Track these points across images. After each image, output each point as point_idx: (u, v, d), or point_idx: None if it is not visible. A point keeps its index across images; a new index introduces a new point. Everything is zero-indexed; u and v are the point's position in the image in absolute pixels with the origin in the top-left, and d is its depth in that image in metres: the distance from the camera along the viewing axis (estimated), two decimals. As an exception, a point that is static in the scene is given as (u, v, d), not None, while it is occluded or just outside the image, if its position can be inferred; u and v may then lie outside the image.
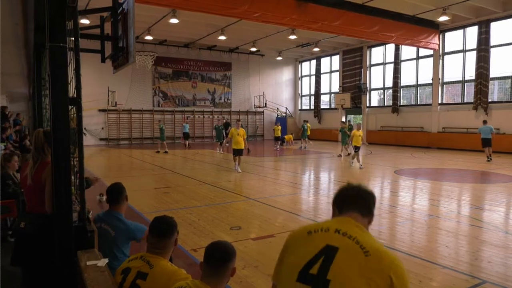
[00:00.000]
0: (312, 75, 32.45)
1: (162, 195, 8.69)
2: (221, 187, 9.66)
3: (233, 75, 30.72)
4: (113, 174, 12.31)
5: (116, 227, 3.12)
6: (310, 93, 33.00)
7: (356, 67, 27.45)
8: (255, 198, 8.23)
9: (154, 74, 27.51)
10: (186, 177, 11.51)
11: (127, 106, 26.39)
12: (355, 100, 27.43)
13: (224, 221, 6.38)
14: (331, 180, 11.55)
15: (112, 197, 3.28)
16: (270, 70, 32.34)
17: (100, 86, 24.39)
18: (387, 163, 15.42)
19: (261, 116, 31.99)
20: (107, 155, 19.23)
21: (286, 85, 33.52)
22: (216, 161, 16.25)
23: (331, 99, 31.01)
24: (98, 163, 15.62)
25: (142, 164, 15.34)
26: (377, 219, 6.63)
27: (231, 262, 2.14)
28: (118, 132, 26.41)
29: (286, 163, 16.01)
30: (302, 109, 34.11)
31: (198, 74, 29.34)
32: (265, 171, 12.85)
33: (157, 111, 27.65)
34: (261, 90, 31.23)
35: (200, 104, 29.53)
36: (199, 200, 8.16)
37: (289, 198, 8.42)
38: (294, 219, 6.61)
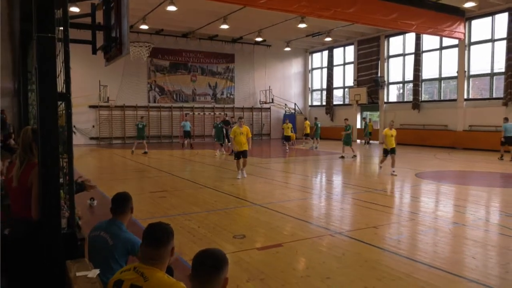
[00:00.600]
0: (323, 68, 32.38)
1: (158, 199, 8.72)
2: (224, 191, 9.67)
3: (237, 67, 30.75)
4: (104, 176, 12.37)
5: (115, 235, 3.13)
6: (322, 88, 32.94)
7: (373, 59, 27.35)
8: (261, 204, 8.22)
9: (149, 67, 27.63)
10: (185, 180, 11.53)
11: (120, 102, 26.53)
12: (372, 95, 27.33)
13: (227, 229, 6.38)
14: (345, 184, 11.51)
15: (117, 207, 3.31)
16: (277, 62, 32.34)
17: (91, 80, 24.54)
18: (407, 165, 15.34)
19: (267, 113, 31.99)
20: (98, 155, 19.33)
21: (295, 78, 33.49)
22: (218, 162, 16.26)
23: (344, 94, 30.91)
24: (88, 164, 15.71)
25: (136, 165, 15.39)
26: (397, 228, 6.60)
27: (223, 270, 2.10)
28: (110, 131, 26.55)
29: (295, 165, 15.97)
30: (312, 105, 34.05)
31: (198, 67, 29.41)
32: (272, 174, 12.84)
33: (153, 107, 27.75)
34: (267, 84, 31.24)
35: (200, 100, 29.61)
36: (199, 205, 8.17)
37: (299, 204, 8.40)
38: (304, 227, 6.59)
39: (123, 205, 3.32)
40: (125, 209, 3.32)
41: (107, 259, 3.06)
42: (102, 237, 3.15)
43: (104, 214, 5.18)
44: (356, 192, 9.70)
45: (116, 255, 3.09)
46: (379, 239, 5.91)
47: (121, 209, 3.31)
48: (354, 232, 6.26)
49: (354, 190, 10.03)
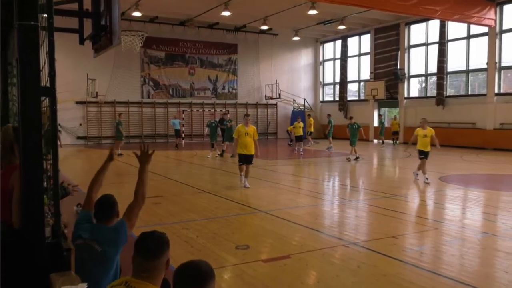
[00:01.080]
0: (336, 59, 32.35)
1: (153, 206, 8.75)
2: (225, 196, 9.68)
3: (240, 59, 30.79)
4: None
5: (102, 239, 3.14)
6: (334, 81, 32.90)
7: (392, 49, 27.28)
8: (267, 211, 8.23)
9: (143, 59, 27.73)
10: (182, 184, 11.56)
11: (110, 97, 26.65)
12: (390, 89, 27.26)
13: (229, 239, 6.39)
14: (360, 188, 11.48)
15: (101, 212, 3.31)
16: (285, 53, 32.34)
17: (78, 74, 24.66)
18: (430, 167, 15.25)
19: (273, 110, 32.00)
20: (85, 156, 19.42)
21: (304, 71, 33.48)
22: (218, 164, 16.29)
23: (360, 88, 30.84)
24: (75, 166, 15.79)
25: (128, 168, 15.44)
26: (419, 238, 6.58)
27: (210, 283, 2.06)
28: (99, 129, 26.68)
29: (305, 167, 15.95)
30: (324, 100, 34.02)
31: (197, 58, 29.48)
32: (278, 177, 12.83)
33: (146, 103, 27.86)
34: (274, 78, 31.25)
35: (199, 95, 29.68)
36: (198, 212, 8.19)
37: (309, 211, 8.39)
38: (315, 237, 6.59)
39: (108, 210, 3.33)
40: (111, 214, 3.33)
41: (93, 271, 3.06)
42: (87, 246, 3.16)
43: (93, 222, 5.20)
44: (372, 198, 9.68)
45: (106, 262, 3.09)
46: (399, 250, 5.89)
47: (106, 214, 3.32)
48: (370, 243, 6.24)
49: (371, 196, 10.00)
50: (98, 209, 3.33)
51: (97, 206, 3.34)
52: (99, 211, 3.32)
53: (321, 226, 7.24)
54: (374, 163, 17.49)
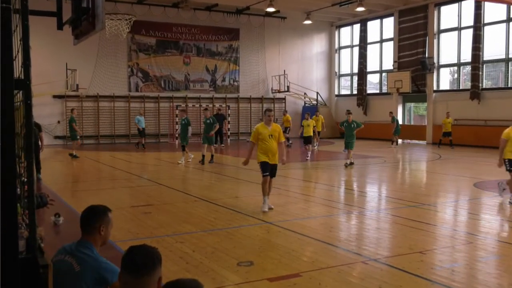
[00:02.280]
0: (354, 46, 32.32)
1: (142, 216, 8.77)
2: (225, 205, 9.70)
3: (242, 46, 30.84)
4: (73, 186, 12.47)
5: (82, 260, 3.16)
6: (352, 72, 32.86)
7: (419, 34, 27.22)
8: (274, 222, 8.23)
9: (130, 46, 27.83)
10: (175, 190, 11.59)
11: (93, 90, 26.76)
12: (417, 81, 27.20)
13: (230, 254, 6.39)
14: (382, 196, 11.46)
15: (86, 224, 3.33)
16: (295, 40, 32.36)
17: (55, 63, 24.78)
18: (463, 171, 15.23)
19: (281, 105, 32.01)
20: (65, 159, 19.49)
21: (317, 60, 33.47)
22: (217, 168, 16.30)
23: (381, 80, 30.78)
24: (53, 170, 15.86)
25: (113, 172, 15.48)
26: (449, 253, 6.56)
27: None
28: (81, 127, 26.74)
29: (318, 172, 15.93)
30: (340, 94, 33.99)
31: (193, 45, 29.55)
32: (287, 183, 12.84)
33: (135, 97, 27.96)
34: (282, 68, 31.28)
35: (196, 88, 29.75)
36: (194, 223, 8.21)
37: (322, 222, 8.39)
38: (329, 252, 6.58)
39: (89, 222, 3.34)
40: (92, 227, 3.34)
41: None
42: (66, 262, 3.18)
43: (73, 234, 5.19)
44: (396, 207, 9.66)
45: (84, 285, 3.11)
46: (427, 268, 5.87)
47: (87, 227, 3.33)
48: (393, 259, 6.23)
49: (394, 205, 9.98)
50: (81, 221, 3.37)
51: (81, 218, 3.39)
52: (82, 223, 3.37)
53: (336, 239, 7.23)
54: (398, 166, 17.45)
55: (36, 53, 18.98)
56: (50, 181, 12.80)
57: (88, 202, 3.56)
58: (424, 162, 18.92)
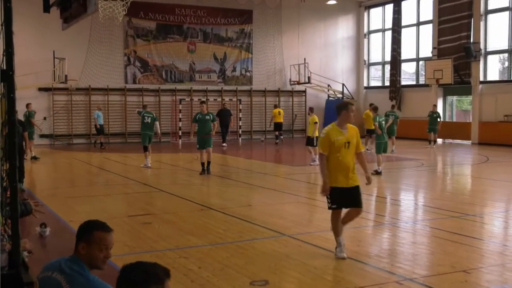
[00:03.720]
0: (386, 30, 32.11)
1: (140, 227, 8.80)
2: (236, 214, 9.69)
3: (256, 31, 30.81)
4: (61, 193, 12.55)
5: (72, 278, 3.18)
6: (383, 60, 32.66)
7: (462, 16, 26.96)
8: (292, 234, 8.21)
9: (127, 31, 27.95)
10: (179, 197, 11.61)
11: (84, 82, 26.91)
12: (460, 71, 26.96)
13: (241, 271, 6.38)
14: (419, 205, 11.38)
15: (78, 237, 3.35)
16: (317, 23, 32.26)
17: (41, 51, 24.96)
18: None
19: (301, 99, 31.93)
20: (51, 161, 19.67)
21: (343, 47, 33.32)
22: (227, 172, 16.30)
23: (418, 69, 30.52)
24: (38, 174, 15.98)
25: (107, 176, 15.56)
26: (499, 272, 6.49)
27: None
28: (70, 125, 26.97)
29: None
30: (369, 86, 33.79)
31: (198, 30, 29.60)
32: (307, 190, 12.77)
33: (132, 90, 28.08)
34: (302, 56, 31.19)
35: (202, 79, 29.80)
36: (200, 236, 8.22)
37: (348, 235, 8.32)
38: (357, 270, 6.54)
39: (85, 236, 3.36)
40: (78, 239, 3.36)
41: None
42: (54, 280, 3.20)
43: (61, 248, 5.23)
44: (435, 218, 9.59)
45: None
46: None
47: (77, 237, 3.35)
48: (433, 279, 6.17)
49: (433, 215, 9.91)
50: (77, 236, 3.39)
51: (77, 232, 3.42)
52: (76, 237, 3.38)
53: (365, 255, 7.19)
54: (438, 170, 17.31)
55: (19, 39, 19.06)
56: (35, 186, 12.92)
57: (78, 210, 3.59)
58: (468, 166, 18.74)
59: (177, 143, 26.17)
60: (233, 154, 22.09)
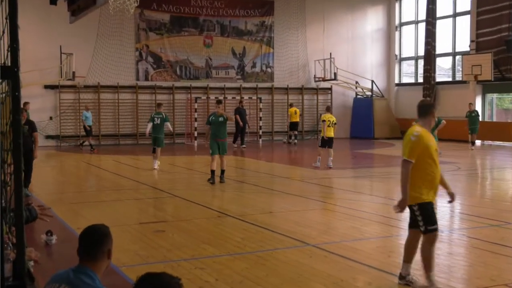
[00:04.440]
0: (420, 22, 31.87)
1: (153, 235, 8.83)
2: (256, 222, 9.68)
3: (277, 23, 30.79)
4: (68, 198, 12.65)
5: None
6: (417, 55, 32.42)
7: (503, 6, 26.66)
8: (317, 244, 8.17)
9: (138, 24, 28.11)
10: (194, 203, 11.62)
11: (92, 79, 27.14)
12: (501, 66, 26.67)
13: (262, 283, 6.36)
14: (455, 212, 11.26)
15: (87, 249, 3.36)
16: (344, 14, 32.19)
17: (47, 46, 25.23)
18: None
19: (326, 97, 31.84)
20: (58, 164, 19.84)
21: (372, 40, 33.16)
22: (245, 176, 16.28)
23: (455, 65, 30.23)
24: (44, 178, 16.12)
25: (117, 180, 15.62)
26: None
27: None
28: (78, 125, 27.16)
29: (373, 181, 15.75)
30: (401, 83, 33.54)
31: (215, 23, 29.66)
32: (334, 195, 12.70)
33: (144, 87, 28.23)
34: (327, 50, 31.10)
35: (219, 76, 29.86)
36: (217, 245, 8.22)
37: (379, 245, 8.30)
38: (388, 283, 6.51)
39: (96, 246, 3.37)
40: (99, 252, 3.37)
41: None
42: None
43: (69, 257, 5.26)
44: (473, 227, 9.49)
45: None
46: (514, 305, 5.75)
47: (93, 251, 3.36)
48: (471, 293, 6.11)
49: (471, 223, 9.80)
50: (81, 244, 3.37)
51: (81, 239, 3.38)
52: (82, 247, 3.37)
53: (396, 267, 7.12)
54: (476, 175, 17.12)
55: (24, 34, 19.29)
56: (40, 191, 13.03)
57: (87, 217, 3.61)
58: (510, 170, 18.51)
59: (192, 144, 26.22)
60: (252, 157, 22.10)
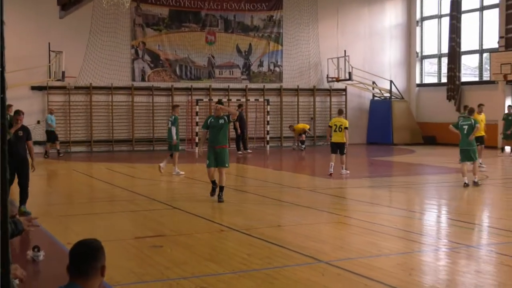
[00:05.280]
0: (443, 16, 31.86)
1: (150, 251, 8.81)
2: (263, 236, 9.66)
3: (286, 18, 30.83)
4: (57, 210, 12.67)
5: None
6: (440, 53, 32.38)
7: (535, -1, 26.63)
8: (330, 261, 8.15)
9: (134, 19, 28.19)
10: (195, 216, 11.62)
11: (84, 80, 27.22)
12: (533, 65, 26.60)
13: (269, 305, 6.37)
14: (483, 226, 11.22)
15: (78, 266, 3.37)
16: (360, 8, 32.23)
17: (35, 44, 25.32)
18: None
19: (340, 99, 31.82)
20: (45, 172, 19.84)
21: (391, 37, 33.15)
22: (252, 185, 16.25)
23: (482, 63, 30.16)
24: (30, 188, 16.14)
25: (112, 190, 15.65)
26: None
27: None
28: (68, 129, 27.25)
29: (392, 191, 15.72)
30: (423, 83, 33.48)
31: (219, 18, 29.71)
32: (348, 207, 12.67)
33: (140, 88, 28.29)
34: (341, 48, 31.12)
35: (223, 76, 29.90)
36: (221, 262, 8.21)
37: (399, 262, 8.26)
38: (408, 304, 6.48)
39: (88, 262, 3.37)
40: (91, 269, 3.37)
41: None
42: None
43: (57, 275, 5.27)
44: (503, 242, 9.45)
45: None
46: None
47: (85, 268, 3.36)
48: (501, 316, 6.08)
49: (501, 238, 9.76)
50: (72, 261, 3.37)
51: (71, 256, 3.38)
52: (73, 264, 3.37)
53: (419, 286, 7.12)
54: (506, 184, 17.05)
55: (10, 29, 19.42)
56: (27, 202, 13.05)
57: (77, 231, 3.62)
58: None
59: (193, 151, 26.23)
60: (259, 164, 22.10)
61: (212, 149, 13.27)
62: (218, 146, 13.24)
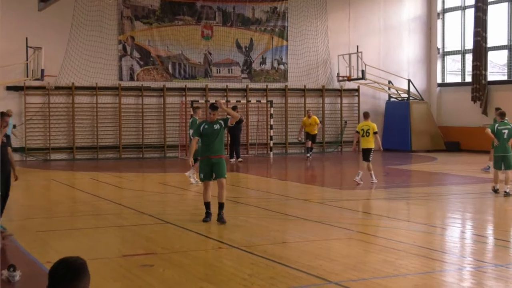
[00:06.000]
0: (467, 8, 31.89)
1: (140, 270, 8.82)
2: (266, 254, 9.66)
3: (292, 10, 30.89)
4: (35, 225, 12.66)
5: None
6: (464, 49, 32.41)
7: None
8: (341, 281, 8.15)
9: (122, 12, 28.25)
10: (190, 231, 11.63)
11: (65, 79, 27.26)
12: None
13: (273, 331, 6.36)
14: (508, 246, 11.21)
15: (58, 285, 3.37)
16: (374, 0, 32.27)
17: (11, 39, 25.33)
18: None
19: (353, 100, 31.87)
20: (22, 182, 19.81)
21: (409, 31, 33.20)
22: (253, 197, 16.26)
23: (511, 60, 30.15)
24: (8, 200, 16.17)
25: (96, 202, 15.64)
26: None
27: None
28: (47, 135, 27.27)
29: (410, 203, 15.71)
30: (444, 82, 33.50)
31: (216, 10, 29.75)
32: (362, 222, 12.68)
33: (128, 89, 28.34)
34: (353, 43, 31.17)
35: (221, 74, 29.94)
36: (219, 282, 8.21)
37: (419, 283, 8.27)
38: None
39: (70, 283, 3.38)
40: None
41: None
42: None
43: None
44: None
45: None
46: None
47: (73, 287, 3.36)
48: None
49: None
50: (50, 281, 3.37)
51: (50, 275, 3.38)
52: (51, 284, 3.37)
53: (440, 311, 7.11)
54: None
55: (-17, 23, 19.50)
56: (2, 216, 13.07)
57: (58, 249, 3.63)
58: None
59: (187, 158, 26.23)
60: (261, 174, 22.11)
61: (206, 159, 12.63)
62: (214, 156, 12.55)
